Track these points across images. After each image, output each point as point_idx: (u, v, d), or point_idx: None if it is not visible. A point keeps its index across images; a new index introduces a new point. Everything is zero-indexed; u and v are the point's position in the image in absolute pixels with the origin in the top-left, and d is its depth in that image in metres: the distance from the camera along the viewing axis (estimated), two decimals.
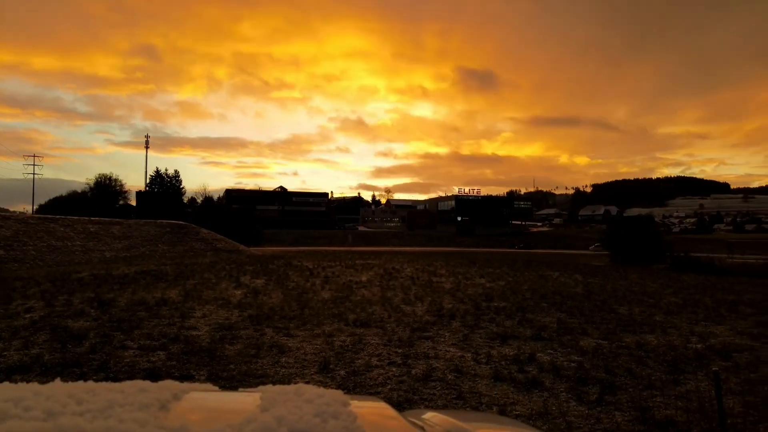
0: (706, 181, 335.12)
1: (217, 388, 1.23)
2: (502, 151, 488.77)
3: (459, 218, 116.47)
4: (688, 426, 4.51)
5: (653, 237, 41.03)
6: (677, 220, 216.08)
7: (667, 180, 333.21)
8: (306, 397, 0.99)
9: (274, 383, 1.24)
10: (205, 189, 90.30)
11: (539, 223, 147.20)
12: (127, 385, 1.00)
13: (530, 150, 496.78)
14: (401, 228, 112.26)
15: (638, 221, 45.41)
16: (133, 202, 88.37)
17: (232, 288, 14.45)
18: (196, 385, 1.18)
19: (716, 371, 4.36)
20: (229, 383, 5.73)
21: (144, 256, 28.99)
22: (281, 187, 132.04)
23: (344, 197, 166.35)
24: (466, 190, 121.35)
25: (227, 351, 7.17)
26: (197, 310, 10.61)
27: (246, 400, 1.11)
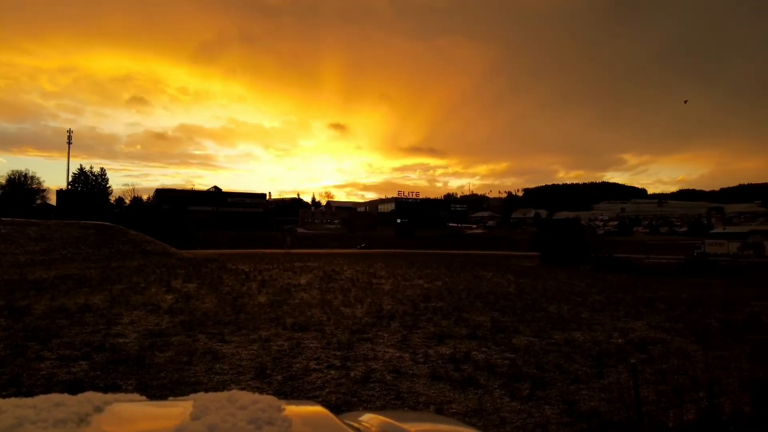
0: (627, 186, 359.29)
1: (144, 398, 1.17)
2: None
3: (399, 220, 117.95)
4: (609, 416, 4.80)
5: (580, 239, 43.46)
6: (601, 223, 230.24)
7: (592, 186, 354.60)
8: (240, 404, 0.96)
9: (207, 391, 1.20)
10: (133, 188, 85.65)
11: (474, 226, 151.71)
12: (41, 399, 0.92)
13: None
14: (342, 230, 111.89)
15: (566, 224, 47.84)
16: (54, 202, 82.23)
17: (162, 293, 13.79)
18: (122, 395, 1.11)
19: (634, 364, 4.70)
20: (159, 392, 5.45)
21: (65, 260, 27.02)
22: (216, 187, 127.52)
23: (283, 198, 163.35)
24: (406, 193, 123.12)
25: (157, 358, 6.83)
26: (125, 316, 10.03)
27: (176, 409, 1.06)
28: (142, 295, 13.18)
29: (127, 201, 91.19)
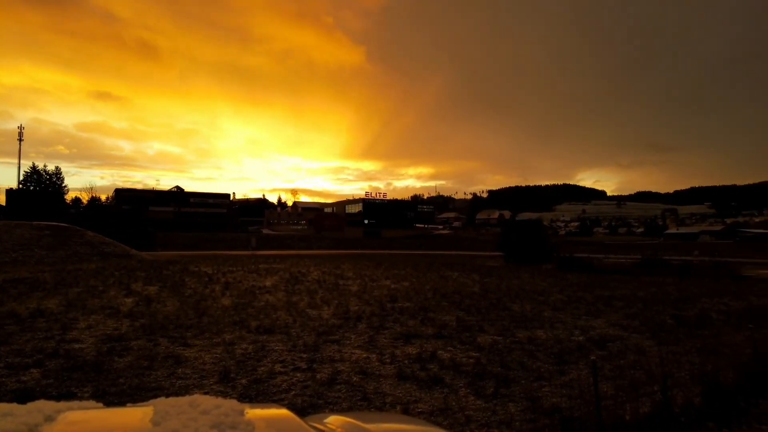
0: (587, 189, 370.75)
1: (101, 405, 1.13)
2: None
3: (366, 221, 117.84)
4: (571, 411, 4.94)
5: (542, 239, 44.52)
6: (563, 223, 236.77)
7: (555, 188, 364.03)
8: (202, 409, 0.94)
9: (168, 396, 1.17)
10: (91, 188, 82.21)
11: (440, 226, 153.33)
12: None
13: None
14: (308, 231, 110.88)
15: (529, 225, 48.95)
16: (3, 202, 78.13)
17: (122, 296, 13.33)
18: (76, 403, 1.08)
19: (594, 360, 4.85)
20: (117, 399, 5.28)
21: (15, 262, 25.77)
22: (177, 187, 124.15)
23: (247, 199, 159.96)
24: (374, 194, 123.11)
25: (116, 364, 6.60)
26: (81, 321, 9.65)
27: (135, 415, 1.03)
28: (100, 298, 12.71)
29: (85, 201, 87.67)
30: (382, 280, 19.93)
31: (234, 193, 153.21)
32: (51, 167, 77.37)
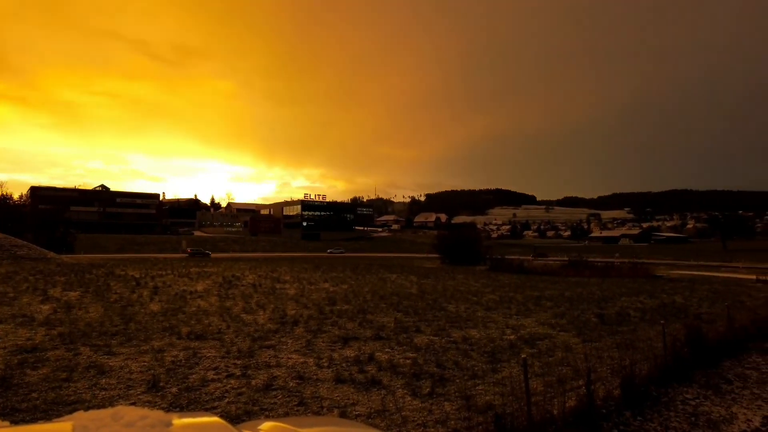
0: (519, 193, 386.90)
1: (7, 423, 1.03)
2: None
3: (305, 223, 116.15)
4: (503, 408, 5.11)
5: (476, 242, 46.01)
6: (495, 227, 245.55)
7: (488, 192, 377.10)
8: (126, 421, 0.88)
9: (89, 408, 1.09)
10: (1, 185, 75.47)
11: (380, 229, 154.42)
12: None
13: None
14: (244, 233, 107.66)
15: (464, 228, 50.37)
16: None
17: (37, 302, 12.33)
18: None
19: (524, 358, 5.06)
20: (30, 416, 4.86)
21: None
22: (103, 186, 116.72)
23: (178, 199, 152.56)
24: (312, 195, 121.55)
25: (29, 377, 6.08)
26: None
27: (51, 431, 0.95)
28: (10, 306, 11.69)
29: None
30: (320, 283, 19.75)
31: (164, 192, 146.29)
32: None
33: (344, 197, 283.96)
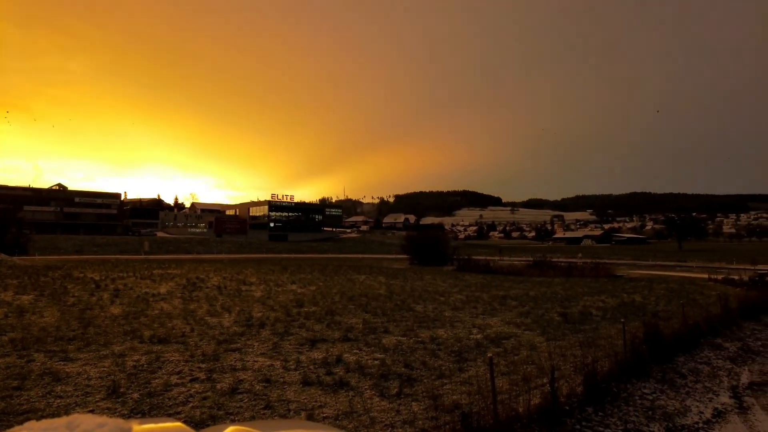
0: (486, 195, 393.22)
1: None
2: None
3: (272, 224, 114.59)
4: (470, 407, 5.18)
5: (443, 243, 46.44)
6: (463, 228, 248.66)
7: (455, 193, 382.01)
8: (82, 429, 0.85)
9: (42, 418, 1.05)
10: None
11: (349, 230, 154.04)
12: None
13: None
14: (208, 234, 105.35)
15: (432, 229, 50.81)
16: None
17: None
18: None
19: (491, 357, 5.14)
20: None
21: None
22: (60, 185, 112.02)
23: (140, 200, 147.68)
24: (280, 196, 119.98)
25: None
26: None
27: None
28: None
29: None
30: (287, 284, 19.53)
31: (126, 192, 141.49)
32: None
33: (313, 198, 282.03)
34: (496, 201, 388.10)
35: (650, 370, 7.57)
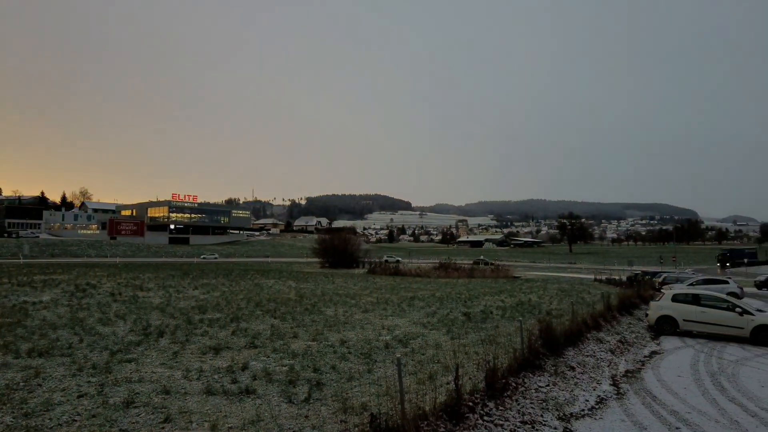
0: (396, 199, 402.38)
1: None
2: None
3: (173, 226, 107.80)
4: (378, 408, 5.25)
5: (355, 246, 46.74)
6: (374, 231, 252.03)
7: (367, 197, 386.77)
8: None
9: None
10: None
11: (257, 233, 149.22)
12: None
13: None
14: (101, 236, 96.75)
15: (343, 232, 50.93)
16: None
17: None
18: None
19: (399, 358, 5.26)
20: None
21: None
22: None
23: (19, 197, 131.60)
24: (182, 196, 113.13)
25: None
26: None
27: None
28: None
29: None
30: (189, 290, 18.53)
31: (0, 188, 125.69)
32: None
33: (219, 199, 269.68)
34: (406, 205, 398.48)
35: (544, 365, 8.18)
